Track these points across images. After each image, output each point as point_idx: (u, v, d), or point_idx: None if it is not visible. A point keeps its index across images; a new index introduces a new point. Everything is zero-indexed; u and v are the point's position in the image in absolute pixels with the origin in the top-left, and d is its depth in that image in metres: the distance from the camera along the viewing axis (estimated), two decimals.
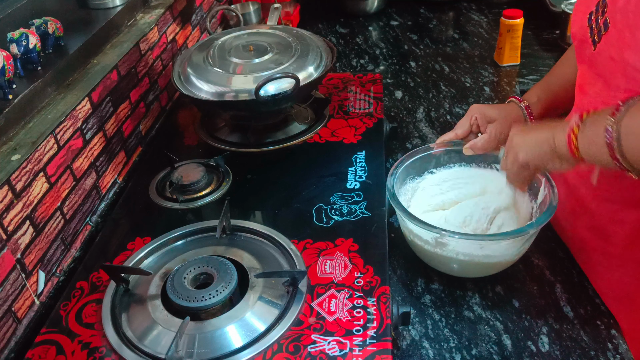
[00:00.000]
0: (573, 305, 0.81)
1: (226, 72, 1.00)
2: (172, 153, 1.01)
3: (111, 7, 1.13)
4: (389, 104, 1.36)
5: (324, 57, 1.05)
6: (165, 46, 1.25)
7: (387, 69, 1.53)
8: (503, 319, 0.80)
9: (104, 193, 0.99)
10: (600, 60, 0.75)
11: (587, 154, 0.68)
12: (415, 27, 1.77)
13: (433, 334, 0.78)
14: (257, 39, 1.09)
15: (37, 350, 0.70)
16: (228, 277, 0.73)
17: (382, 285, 0.75)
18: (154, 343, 0.69)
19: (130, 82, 1.08)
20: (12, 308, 0.74)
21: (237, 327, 0.70)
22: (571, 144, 0.69)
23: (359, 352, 0.67)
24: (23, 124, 0.84)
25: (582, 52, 0.79)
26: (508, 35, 1.44)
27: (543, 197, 0.85)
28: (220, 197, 0.95)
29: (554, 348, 0.75)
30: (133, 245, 0.85)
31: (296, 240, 0.83)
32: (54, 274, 0.84)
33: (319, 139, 1.07)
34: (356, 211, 0.89)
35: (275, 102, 0.96)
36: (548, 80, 0.98)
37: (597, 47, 0.74)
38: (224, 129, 1.10)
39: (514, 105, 0.96)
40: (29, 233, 0.78)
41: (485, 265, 0.83)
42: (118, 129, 1.04)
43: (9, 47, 0.86)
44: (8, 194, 0.74)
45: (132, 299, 0.76)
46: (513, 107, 0.96)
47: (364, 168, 0.98)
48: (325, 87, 1.22)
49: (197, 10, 1.44)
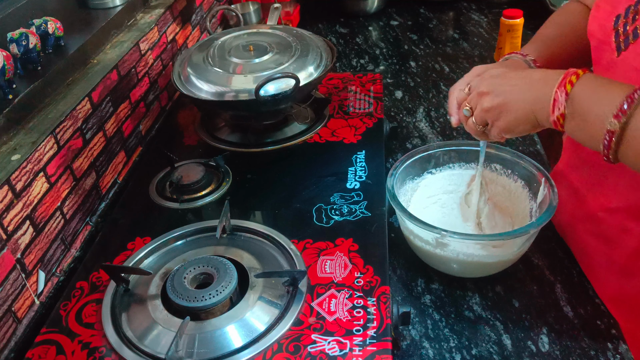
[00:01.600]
0: (573, 305, 0.81)
1: (226, 72, 1.00)
2: (172, 153, 1.01)
3: (111, 7, 1.13)
4: (389, 104, 1.36)
5: (324, 57, 1.05)
6: (165, 46, 1.25)
7: (387, 69, 1.53)
8: (503, 319, 0.80)
9: (104, 193, 0.99)
10: (622, 69, 0.70)
11: (573, 136, 0.65)
12: (415, 27, 1.77)
13: (433, 333, 0.78)
14: (257, 39, 1.09)
15: (37, 350, 0.70)
16: (228, 277, 0.73)
17: (382, 285, 0.75)
18: (154, 343, 0.69)
19: (130, 82, 1.08)
20: (12, 308, 0.74)
21: (237, 327, 0.70)
22: (557, 124, 0.65)
23: (359, 352, 0.67)
24: (23, 124, 0.84)
25: (600, 54, 0.75)
26: (508, 35, 1.44)
27: (543, 197, 0.85)
28: (220, 197, 0.95)
29: (554, 348, 0.75)
30: (133, 245, 0.85)
31: (296, 240, 0.83)
32: (54, 274, 0.84)
33: (319, 139, 1.07)
34: (356, 211, 0.89)
35: (275, 102, 0.96)
36: (543, 41, 0.90)
37: (620, 55, 0.70)
38: (224, 128, 1.10)
39: (517, 60, 0.87)
40: (29, 233, 0.78)
41: (485, 265, 0.83)
42: (118, 129, 1.04)
43: (9, 47, 0.86)
44: (8, 194, 0.74)
45: (132, 299, 0.76)
46: (516, 61, 0.86)
47: (364, 168, 0.98)
48: (325, 87, 1.22)
49: (197, 10, 1.44)
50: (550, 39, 0.89)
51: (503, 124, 0.72)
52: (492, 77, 0.74)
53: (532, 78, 0.69)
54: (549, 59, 0.86)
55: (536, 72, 0.70)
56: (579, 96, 0.63)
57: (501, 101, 0.70)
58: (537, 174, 0.88)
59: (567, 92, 0.63)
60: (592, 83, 0.63)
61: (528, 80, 0.69)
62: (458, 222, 0.91)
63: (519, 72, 0.72)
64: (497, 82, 0.72)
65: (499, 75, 0.74)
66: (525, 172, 0.91)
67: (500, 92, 0.71)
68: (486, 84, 0.73)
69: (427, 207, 0.95)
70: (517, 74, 0.72)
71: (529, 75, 0.70)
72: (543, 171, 0.87)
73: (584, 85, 0.63)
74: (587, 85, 0.63)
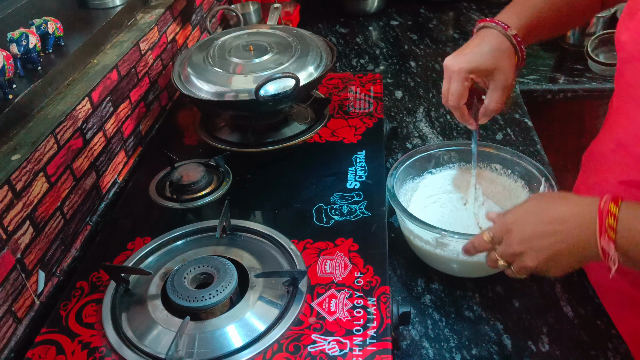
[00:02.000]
0: (573, 306, 0.81)
1: (226, 72, 1.00)
2: (172, 153, 1.01)
3: (111, 7, 1.13)
4: (389, 104, 1.36)
5: (324, 57, 1.05)
6: (165, 46, 1.25)
7: (387, 68, 1.53)
8: (503, 319, 0.80)
9: (104, 193, 0.99)
10: None
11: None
12: (415, 27, 1.77)
13: (433, 333, 0.78)
14: (257, 38, 1.09)
15: (37, 350, 0.70)
16: (228, 277, 0.73)
17: (382, 285, 0.75)
18: (154, 343, 0.69)
19: (130, 82, 1.08)
20: (12, 308, 0.74)
21: (237, 327, 0.70)
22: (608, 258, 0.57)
23: (359, 352, 0.67)
24: (23, 124, 0.84)
25: (626, 68, 0.69)
26: None
27: None
28: (220, 197, 0.95)
29: (554, 348, 0.75)
30: (133, 245, 0.85)
31: (296, 240, 0.83)
32: (54, 273, 0.84)
33: (319, 139, 1.07)
34: (356, 211, 0.89)
35: (275, 102, 0.96)
36: (522, 3, 0.81)
37: None
38: (224, 128, 1.10)
39: (497, 34, 0.77)
40: (29, 233, 0.78)
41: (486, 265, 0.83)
42: (118, 129, 1.04)
43: (9, 47, 0.86)
44: (8, 194, 0.74)
45: (132, 299, 0.76)
46: (497, 37, 0.77)
47: (364, 168, 0.98)
48: (325, 87, 1.22)
49: (197, 10, 1.44)
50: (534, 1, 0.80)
51: (551, 273, 0.67)
52: (522, 232, 0.65)
53: (568, 227, 0.60)
54: (534, 24, 0.78)
55: (566, 215, 0.61)
56: (628, 244, 0.56)
57: (545, 258, 0.63)
58: (537, 174, 0.88)
59: (612, 240, 0.56)
60: (635, 223, 0.55)
61: (565, 232, 0.61)
62: (458, 222, 0.91)
63: (549, 217, 0.63)
64: (531, 239, 0.64)
65: (529, 231, 0.64)
66: (525, 172, 0.91)
67: (539, 249, 0.63)
68: (517, 243, 0.65)
69: (427, 206, 0.95)
70: (547, 224, 0.63)
71: (562, 222, 0.61)
72: (543, 171, 0.87)
73: (628, 230, 0.55)
74: (632, 229, 0.55)
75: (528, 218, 0.65)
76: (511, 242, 0.66)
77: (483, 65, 0.78)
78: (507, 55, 0.78)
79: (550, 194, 0.67)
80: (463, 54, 0.80)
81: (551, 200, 0.66)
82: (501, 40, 0.78)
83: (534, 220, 0.64)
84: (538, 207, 0.66)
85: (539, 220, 0.64)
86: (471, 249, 0.74)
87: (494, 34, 0.78)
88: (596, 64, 1.40)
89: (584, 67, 1.46)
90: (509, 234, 0.66)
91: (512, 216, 0.67)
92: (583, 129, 1.48)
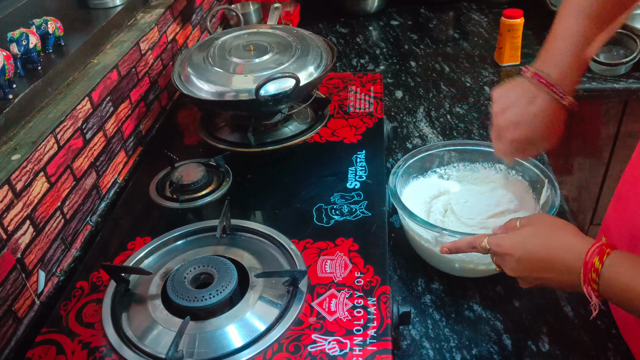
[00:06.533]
0: (573, 305, 0.81)
1: (226, 71, 1.00)
2: (172, 153, 1.01)
3: (111, 7, 1.13)
4: (389, 104, 1.36)
5: (324, 57, 1.05)
6: (165, 46, 1.25)
7: (387, 68, 1.53)
8: (503, 319, 0.80)
9: (104, 193, 0.99)
10: None
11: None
12: (416, 27, 1.77)
13: (433, 333, 0.78)
14: (257, 38, 1.09)
15: (37, 350, 0.70)
16: (228, 277, 0.73)
17: (383, 285, 0.75)
18: (154, 343, 0.69)
19: (130, 82, 1.08)
20: (12, 308, 0.74)
21: (237, 327, 0.70)
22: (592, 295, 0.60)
23: (359, 351, 0.67)
24: (23, 123, 0.84)
25: None
26: (508, 35, 1.44)
27: (546, 199, 0.85)
28: (221, 197, 0.95)
29: (554, 348, 0.75)
30: (133, 245, 0.85)
31: (296, 240, 0.83)
32: (54, 273, 0.84)
33: (319, 139, 1.07)
34: (356, 211, 0.89)
35: (275, 102, 0.96)
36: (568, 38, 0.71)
37: None
38: (224, 128, 1.10)
39: (551, 102, 0.70)
40: (29, 233, 0.78)
41: (486, 265, 0.83)
42: (118, 128, 1.04)
43: (9, 47, 0.86)
44: (8, 194, 0.74)
45: (132, 299, 0.76)
46: (550, 105, 0.70)
47: (364, 168, 0.98)
48: (325, 86, 1.22)
49: (197, 10, 1.44)
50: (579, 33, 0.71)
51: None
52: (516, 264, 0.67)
53: (557, 271, 0.63)
54: (580, 57, 0.71)
55: (556, 260, 0.63)
56: (609, 295, 0.59)
57: (535, 285, 0.68)
58: (541, 175, 0.88)
59: (595, 290, 0.60)
60: (617, 280, 0.58)
61: (554, 275, 0.64)
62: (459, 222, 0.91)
63: (541, 257, 0.65)
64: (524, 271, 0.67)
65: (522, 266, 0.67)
66: (529, 173, 0.91)
67: (530, 281, 0.68)
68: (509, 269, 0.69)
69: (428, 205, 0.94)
70: (539, 261, 0.65)
71: (551, 266, 0.64)
72: (546, 172, 0.87)
73: (609, 285, 0.58)
74: (612, 285, 0.58)
75: (524, 252, 0.67)
76: (505, 265, 0.70)
77: (534, 140, 0.75)
78: (560, 124, 0.73)
79: (551, 225, 0.68)
80: (516, 120, 0.73)
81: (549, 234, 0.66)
82: (557, 110, 0.72)
83: (528, 256, 0.66)
84: (534, 243, 0.66)
85: (533, 257, 0.66)
86: (464, 248, 0.76)
87: (547, 101, 0.71)
88: (596, 64, 1.40)
89: None
90: (504, 257, 0.69)
91: (510, 242, 0.68)
92: (583, 129, 1.48)
